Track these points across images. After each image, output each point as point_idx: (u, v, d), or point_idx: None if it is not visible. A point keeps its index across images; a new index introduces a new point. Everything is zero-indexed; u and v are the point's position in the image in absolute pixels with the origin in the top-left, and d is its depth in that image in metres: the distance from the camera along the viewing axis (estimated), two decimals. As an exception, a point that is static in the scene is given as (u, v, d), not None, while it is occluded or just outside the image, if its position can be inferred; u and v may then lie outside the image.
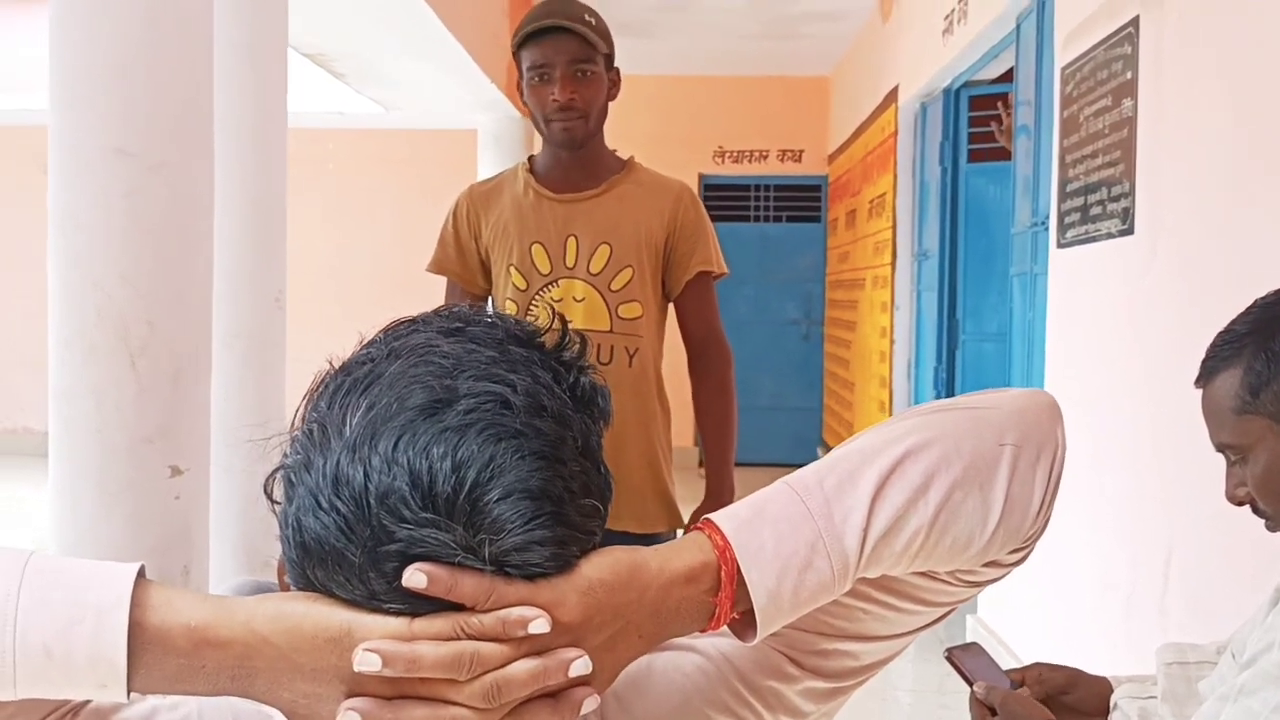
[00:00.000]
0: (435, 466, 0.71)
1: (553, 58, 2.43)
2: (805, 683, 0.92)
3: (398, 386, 0.75)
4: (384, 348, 0.79)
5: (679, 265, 2.54)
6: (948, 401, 0.93)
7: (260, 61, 3.46)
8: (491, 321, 0.81)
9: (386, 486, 0.71)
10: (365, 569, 0.72)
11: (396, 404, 0.74)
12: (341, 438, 0.74)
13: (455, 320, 0.81)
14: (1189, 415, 1.54)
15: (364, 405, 0.75)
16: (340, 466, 0.73)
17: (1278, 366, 1.42)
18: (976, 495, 0.85)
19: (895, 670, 4.89)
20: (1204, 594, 2.81)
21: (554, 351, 0.81)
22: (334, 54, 6.62)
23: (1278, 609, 1.43)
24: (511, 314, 0.85)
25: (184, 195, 2.46)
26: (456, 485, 0.71)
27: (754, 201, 10.16)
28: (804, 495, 0.82)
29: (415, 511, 0.71)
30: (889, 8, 7.20)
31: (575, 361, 0.82)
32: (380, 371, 0.77)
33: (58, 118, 2.40)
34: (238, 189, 3.35)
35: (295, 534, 0.75)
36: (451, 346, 0.77)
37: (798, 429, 9.94)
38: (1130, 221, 3.27)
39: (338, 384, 0.78)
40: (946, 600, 0.92)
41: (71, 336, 2.39)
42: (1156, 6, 3.14)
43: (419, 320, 0.81)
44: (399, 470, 0.72)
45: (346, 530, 0.72)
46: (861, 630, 0.92)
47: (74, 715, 0.80)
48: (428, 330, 0.80)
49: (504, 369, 0.76)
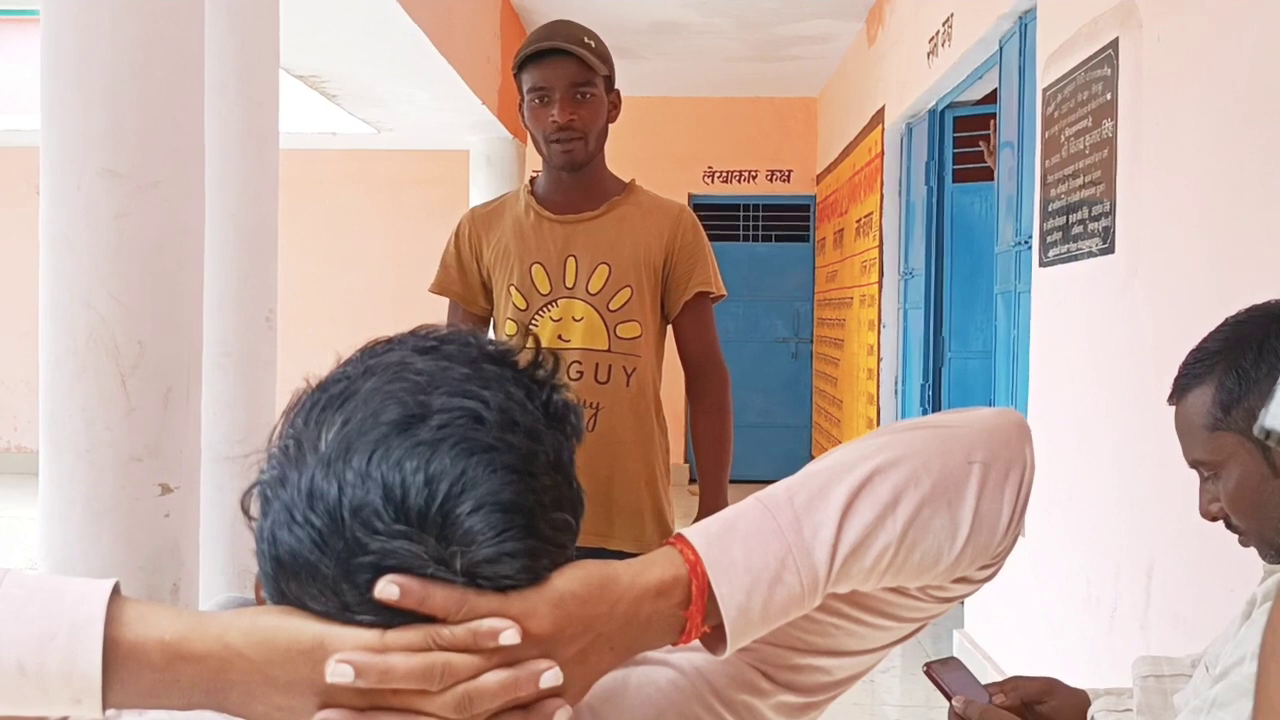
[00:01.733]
0: (408, 480, 0.73)
1: (552, 80, 2.45)
2: (778, 697, 0.93)
3: (372, 403, 0.76)
4: (360, 365, 0.80)
5: (677, 286, 2.56)
6: (919, 420, 0.94)
7: (252, 83, 3.48)
8: (466, 340, 0.82)
9: (360, 500, 0.73)
10: (338, 581, 0.73)
11: (371, 419, 0.75)
12: (316, 453, 0.75)
13: (430, 339, 0.82)
14: (1169, 431, 1.57)
15: (339, 421, 0.76)
16: (315, 481, 0.74)
17: (1249, 384, 1.44)
18: (945, 512, 0.86)
19: (882, 685, 4.91)
20: (1185, 608, 2.83)
21: (527, 370, 0.82)
22: (326, 76, 6.66)
23: (1250, 622, 1.45)
24: (512, 332, 0.87)
25: (175, 216, 2.47)
26: (429, 498, 0.73)
27: (743, 221, 10.20)
28: (774, 511, 0.84)
29: (388, 524, 0.72)
30: (875, 30, 7.25)
31: (548, 379, 0.82)
32: (355, 388, 0.78)
33: (49, 138, 2.41)
34: (229, 209, 3.36)
35: (270, 548, 0.76)
36: (426, 364, 0.79)
37: (787, 446, 9.95)
38: (1111, 241, 3.31)
39: (314, 401, 0.79)
40: (918, 615, 0.94)
41: (62, 355, 2.40)
42: (1136, 29, 3.18)
43: (395, 340, 0.83)
44: (372, 484, 0.73)
45: (320, 543, 0.73)
46: (834, 645, 0.93)
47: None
48: (403, 349, 0.81)
49: (477, 385, 0.77)
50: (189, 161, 2.52)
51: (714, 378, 2.61)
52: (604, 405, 2.47)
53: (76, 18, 2.39)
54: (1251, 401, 1.44)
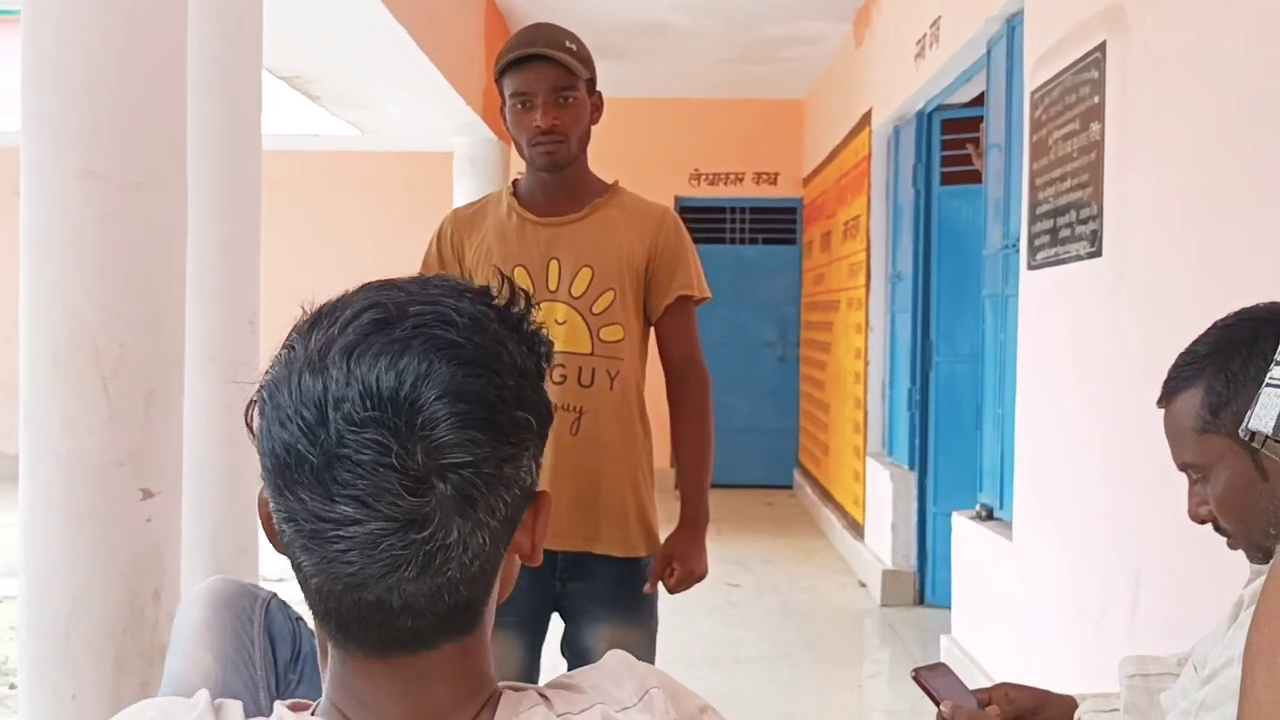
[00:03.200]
0: (381, 373, 0.80)
1: (534, 85, 2.44)
2: None
3: (356, 309, 0.84)
4: (353, 291, 0.88)
5: (659, 289, 2.54)
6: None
7: (235, 84, 3.46)
8: (448, 277, 0.91)
9: (341, 394, 0.80)
10: (322, 470, 0.79)
11: (353, 325, 0.83)
12: (305, 354, 0.83)
13: (420, 277, 0.90)
14: (1158, 435, 1.56)
15: (325, 326, 0.84)
16: (304, 379, 0.81)
17: (1237, 386, 1.44)
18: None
19: (870, 691, 4.90)
20: (1173, 614, 2.83)
21: (504, 304, 0.89)
22: (310, 77, 6.63)
23: (1238, 624, 1.45)
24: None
25: (157, 217, 2.45)
26: (396, 388, 0.79)
27: (730, 224, 10.20)
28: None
29: (362, 415, 0.79)
30: (862, 32, 7.26)
31: (523, 313, 0.89)
32: (345, 302, 0.86)
33: (29, 139, 2.39)
34: (211, 211, 3.34)
35: (268, 444, 0.82)
36: (409, 284, 0.88)
37: (774, 451, 9.95)
38: (1098, 244, 3.31)
39: (309, 318, 0.86)
40: None
41: (42, 359, 2.38)
42: (1123, 32, 3.18)
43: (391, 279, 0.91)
44: (352, 379, 0.80)
45: (308, 434, 0.80)
46: None
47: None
48: (395, 282, 0.89)
49: (452, 299, 0.85)
50: (171, 163, 2.50)
51: (695, 382, 2.59)
52: (587, 409, 2.45)
53: (58, 17, 2.37)
54: (1240, 404, 1.43)
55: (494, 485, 0.83)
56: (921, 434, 6.14)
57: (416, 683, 0.87)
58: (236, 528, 3.48)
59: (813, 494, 8.85)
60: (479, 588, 0.86)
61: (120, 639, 2.42)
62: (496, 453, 0.82)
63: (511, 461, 0.83)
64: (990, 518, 4.61)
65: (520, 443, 0.84)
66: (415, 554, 0.81)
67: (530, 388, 0.85)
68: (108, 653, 2.40)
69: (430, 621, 0.85)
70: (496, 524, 0.84)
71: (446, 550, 0.82)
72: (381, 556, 0.81)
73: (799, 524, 8.54)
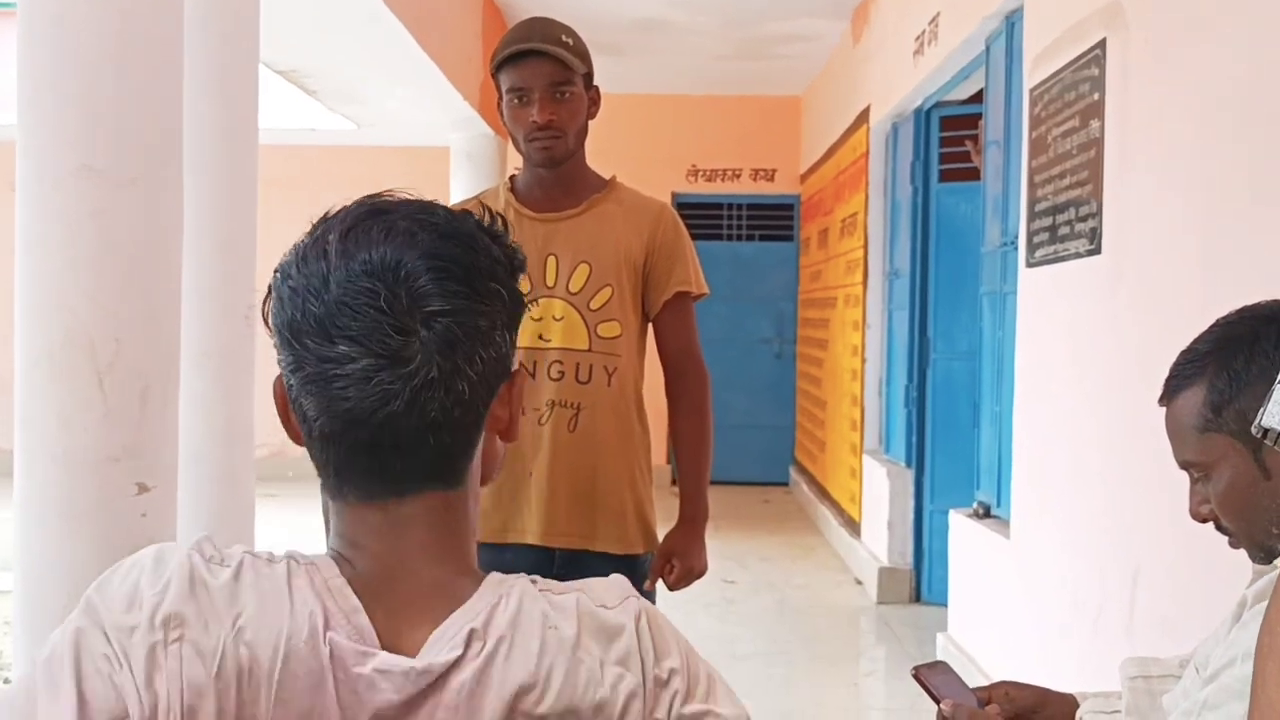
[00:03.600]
0: (373, 243, 0.96)
1: (531, 81, 2.43)
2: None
3: (350, 207, 1.01)
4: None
5: (657, 285, 2.53)
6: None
7: (231, 78, 3.45)
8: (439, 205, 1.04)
9: (338, 262, 0.95)
10: (323, 319, 0.93)
11: (350, 215, 0.99)
12: (310, 243, 0.98)
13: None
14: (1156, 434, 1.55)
15: (325, 224, 1.00)
16: (309, 258, 0.97)
17: (1240, 385, 1.43)
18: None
19: (867, 689, 4.90)
20: (1171, 612, 2.82)
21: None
22: (306, 71, 6.62)
23: (1241, 623, 1.44)
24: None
25: (153, 213, 2.44)
26: (385, 250, 0.95)
27: (727, 220, 10.19)
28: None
29: (356, 272, 0.94)
30: (860, 29, 7.25)
31: (500, 228, 1.03)
32: (343, 208, 1.01)
33: (25, 135, 2.38)
34: (208, 206, 3.32)
35: (280, 315, 0.97)
36: (400, 197, 1.03)
37: (770, 447, 9.95)
38: (1097, 241, 3.30)
39: (313, 225, 1.01)
40: None
41: (38, 355, 2.37)
42: (1123, 29, 3.17)
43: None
44: (348, 250, 0.96)
45: (314, 294, 0.94)
46: None
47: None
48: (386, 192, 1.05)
49: (435, 206, 1.02)
50: (167, 158, 2.49)
51: (693, 378, 2.58)
52: (585, 405, 2.44)
53: (54, 11, 2.36)
54: (1243, 403, 1.43)
55: (471, 336, 0.96)
56: (918, 431, 6.14)
57: (401, 525, 0.98)
58: (232, 522, 3.47)
59: (809, 491, 8.85)
60: (461, 439, 0.99)
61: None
62: (471, 307, 0.96)
63: (485, 317, 0.97)
64: (988, 515, 4.61)
65: (492, 308, 0.97)
66: (403, 389, 0.93)
67: (502, 269, 0.99)
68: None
69: (416, 464, 0.97)
70: (474, 376, 0.96)
71: (430, 388, 0.94)
72: (374, 391, 0.93)
73: (795, 521, 8.54)
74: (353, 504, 0.98)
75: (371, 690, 0.92)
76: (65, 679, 0.89)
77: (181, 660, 0.90)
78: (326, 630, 0.92)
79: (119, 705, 0.89)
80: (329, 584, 0.95)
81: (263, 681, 0.91)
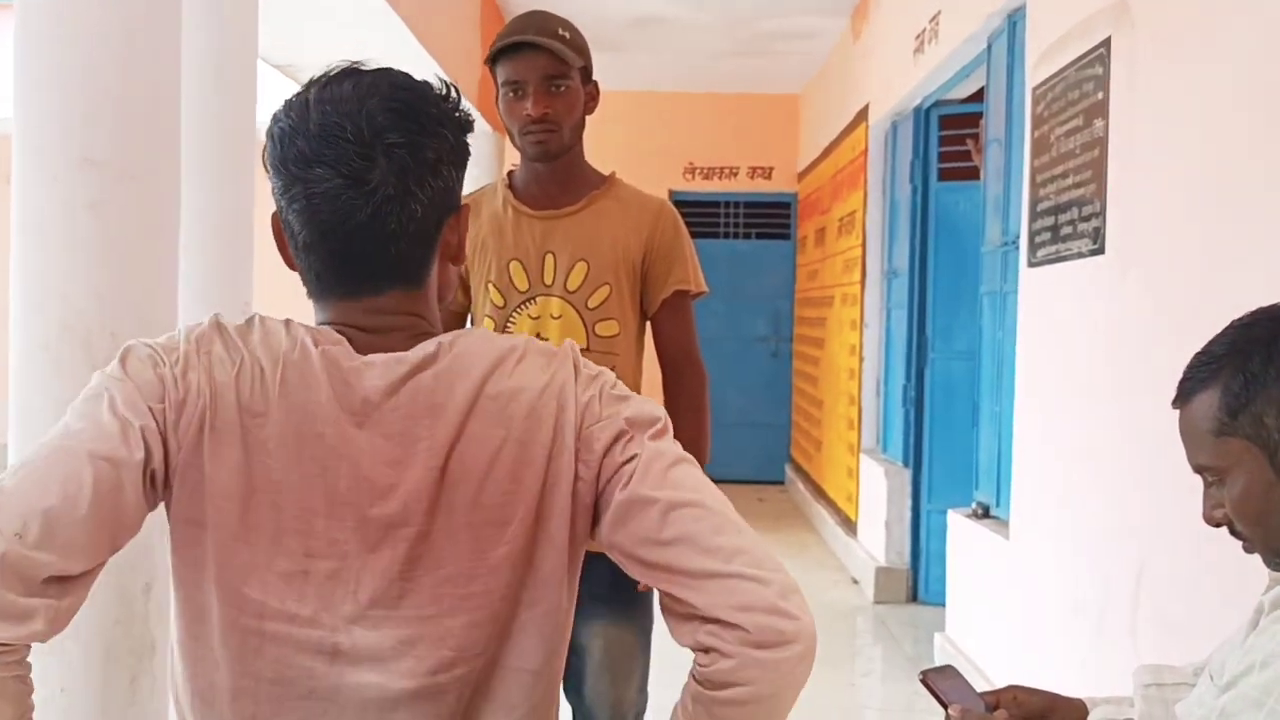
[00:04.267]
0: (346, 90, 1.21)
1: (525, 74, 2.41)
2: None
3: (331, 70, 1.25)
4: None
5: (655, 283, 2.51)
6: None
7: (230, 72, 3.43)
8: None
9: (317, 106, 1.20)
10: (304, 148, 1.19)
11: (328, 74, 1.24)
12: (298, 93, 1.24)
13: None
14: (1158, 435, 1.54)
15: (310, 81, 1.24)
16: (294, 106, 1.22)
17: (1256, 388, 1.41)
18: None
19: (864, 689, 4.88)
20: (1174, 614, 2.81)
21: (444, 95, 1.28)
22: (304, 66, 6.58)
23: (1258, 630, 1.42)
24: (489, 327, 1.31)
25: (150, 206, 2.42)
26: (353, 94, 1.20)
27: (724, 218, 10.18)
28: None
29: (330, 111, 1.19)
30: (860, 26, 7.23)
31: (456, 99, 1.28)
32: (326, 71, 1.25)
33: (22, 127, 2.36)
34: (205, 199, 3.30)
35: (274, 152, 1.21)
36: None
37: (766, 446, 9.93)
38: (1101, 241, 3.28)
39: (305, 85, 1.25)
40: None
41: (34, 348, 2.35)
42: (1129, 27, 3.15)
43: None
44: (325, 96, 1.21)
45: (299, 129, 1.20)
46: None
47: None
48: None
49: (395, 70, 1.25)
50: (165, 151, 2.48)
51: (691, 377, 2.56)
52: None
53: (51, 3, 2.34)
54: (1259, 406, 1.41)
55: (421, 165, 1.20)
56: (916, 431, 6.12)
57: (376, 312, 1.24)
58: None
59: (805, 490, 8.83)
60: (417, 250, 1.24)
61: (110, 632, 2.39)
62: (421, 141, 1.20)
63: (432, 151, 1.21)
64: (986, 515, 4.59)
65: (439, 145, 1.22)
66: (365, 204, 1.19)
67: (449, 119, 1.24)
68: (97, 646, 2.37)
69: (382, 268, 1.23)
70: (425, 199, 1.21)
71: (388, 203, 1.19)
72: (343, 205, 1.19)
73: (791, 520, 8.53)
74: (337, 298, 1.25)
75: (359, 377, 1.20)
76: (116, 368, 1.20)
77: (211, 364, 1.20)
78: (318, 347, 1.21)
79: (159, 388, 1.18)
80: (320, 330, 1.24)
81: (270, 381, 1.19)
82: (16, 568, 1.07)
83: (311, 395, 1.19)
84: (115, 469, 1.13)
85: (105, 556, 1.15)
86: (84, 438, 1.14)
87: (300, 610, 1.18)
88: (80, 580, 1.13)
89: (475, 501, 1.19)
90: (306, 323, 1.25)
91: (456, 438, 1.19)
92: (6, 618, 1.07)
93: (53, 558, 1.09)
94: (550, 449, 1.21)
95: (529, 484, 1.20)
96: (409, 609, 1.19)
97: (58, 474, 1.12)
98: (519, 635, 1.23)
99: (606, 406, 1.23)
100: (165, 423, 1.17)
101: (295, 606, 1.18)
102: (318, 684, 1.19)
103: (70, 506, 1.10)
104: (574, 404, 1.22)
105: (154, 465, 1.17)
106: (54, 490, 1.10)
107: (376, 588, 1.18)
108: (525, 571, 1.22)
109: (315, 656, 1.19)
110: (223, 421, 1.18)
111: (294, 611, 1.18)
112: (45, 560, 1.09)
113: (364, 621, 1.18)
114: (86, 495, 1.11)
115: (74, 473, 1.12)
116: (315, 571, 1.18)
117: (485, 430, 1.19)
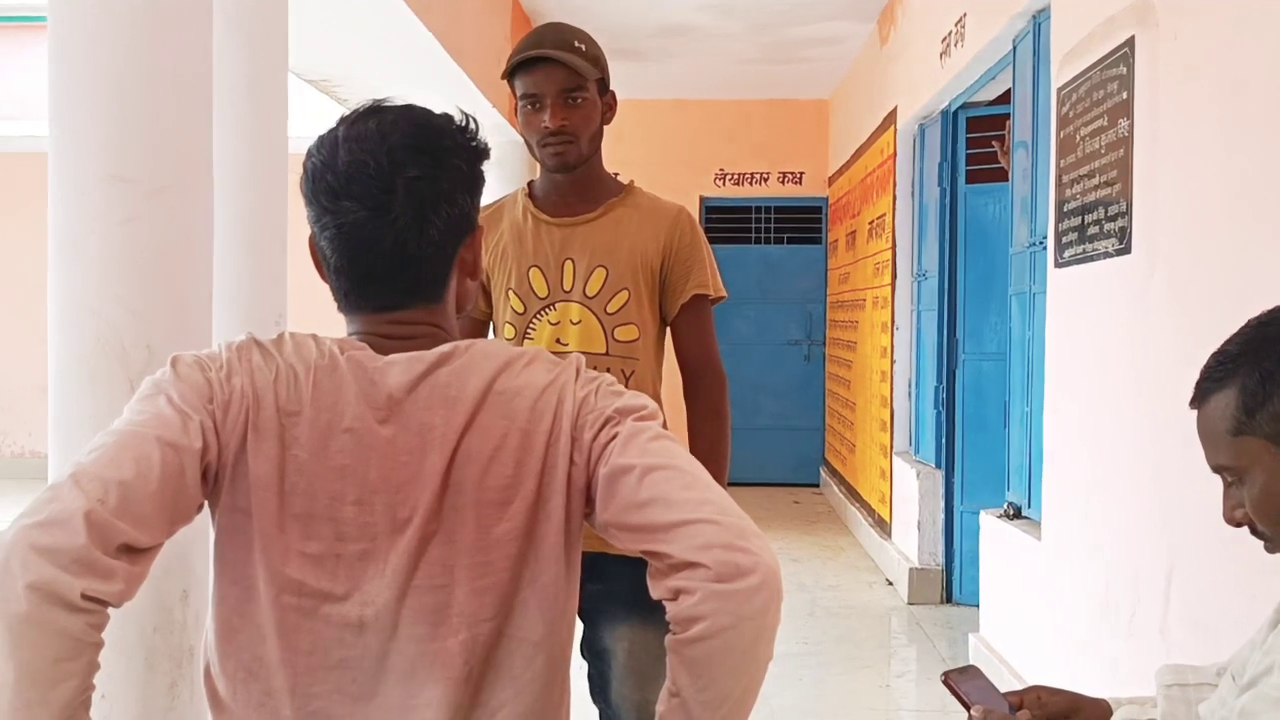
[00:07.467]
0: (370, 127, 1.34)
1: (542, 87, 2.44)
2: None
3: (357, 110, 1.39)
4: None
5: (674, 289, 2.52)
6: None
7: (261, 87, 3.47)
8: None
9: (344, 144, 1.33)
10: (334, 184, 1.33)
11: (355, 113, 1.38)
12: (329, 131, 1.37)
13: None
14: (1188, 434, 1.53)
15: (339, 120, 1.38)
16: (325, 144, 1.36)
17: (1273, 387, 1.41)
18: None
19: (899, 690, 4.88)
20: (1205, 614, 2.80)
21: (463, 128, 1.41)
22: (336, 80, 6.64)
23: (1278, 630, 1.42)
24: (510, 336, 1.59)
25: (183, 220, 2.46)
26: (377, 130, 1.34)
27: (755, 223, 10.18)
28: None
29: (356, 149, 1.33)
30: (887, 31, 7.22)
31: (474, 130, 1.41)
32: (354, 110, 1.39)
33: (56, 144, 2.40)
34: (237, 213, 3.34)
35: (308, 182, 1.35)
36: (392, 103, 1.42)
37: (800, 449, 9.92)
38: (1127, 241, 3.28)
39: (335, 123, 1.39)
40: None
41: (71, 361, 2.39)
42: (1152, 27, 3.15)
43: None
44: (352, 133, 1.34)
45: (328, 165, 1.34)
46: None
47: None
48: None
49: (417, 107, 1.40)
50: (197, 166, 2.51)
51: (711, 382, 2.56)
52: None
53: (84, 23, 2.38)
54: (1276, 405, 1.40)
55: (437, 196, 1.34)
56: (948, 432, 6.11)
57: (399, 324, 1.38)
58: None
59: (839, 492, 8.82)
60: (436, 270, 1.38)
61: (150, 639, 2.43)
62: (436, 174, 1.34)
63: (447, 182, 1.35)
64: (1018, 516, 4.58)
65: (454, 176, 1.36)
66: (388, 231, 1.33)
67: (464, 151, 1.38)
68: (137, 653, 2.41)
69: (404, 287, 1.37)
70: (442, 225, 1.35)
71: (408, 230, 1.33)
72: (369, 234, 1.33)
73: (825, 522, 8.52)
74: (365, 314, 1.39)
75: (383, 375, 1.33)
76: (168, 372, 1.31)
77: (251, 370, 1.33)
78: (344, 354, 1.34)
79: (208, 390, 1.30)
80: (345, 339, 1.37)
81: (303, 384, 1.32)
82: (100, 529, 1.16)
83: (341, 395, 1.32)
84: (178, 454, 1.24)
85: (164, 537, 1.24)
86: (150, 425, 1.25)
87: (334, 589, 1.30)
88: (146, 555, 1.22)
89: (480, 483, 1.31)
90: (335, 335, 1.39)
91: (467, 427, 1.32)
92: (95, 572, 1.15)
93: (127, 526, 1.18)
94: (549, 437, 1.33)
95: (530, 468, 1.32)
96: (423, 580, 1.30)
97: (130, 453, 1.22)
98: (520, 607, 1.33)
99: (601, 400, 1.35)
100: (215, 421, 1.29)
101: (329, 585, 1.30)
102: (348, 653, 1.30)
103: (143, 481, 1.21)
104: (572, 398, 1.35)
105: (209, 458, 1.28)
106: (128, 466, 1.21)
107: (399, 564, 1.30)
108: (526, 547, 1.33)
109: (344, 629, 1.30)
110: (263, 421, 1.30)
111: (328, 590, 1.30)
112: (121, 528, 1.18)
113: (387, 595, 1.30)
114: (156, 473, 1.22)
115: (145, 453, 1.22)
116: (346, 554, 1.30)
117: (493, 421, 1.32)
